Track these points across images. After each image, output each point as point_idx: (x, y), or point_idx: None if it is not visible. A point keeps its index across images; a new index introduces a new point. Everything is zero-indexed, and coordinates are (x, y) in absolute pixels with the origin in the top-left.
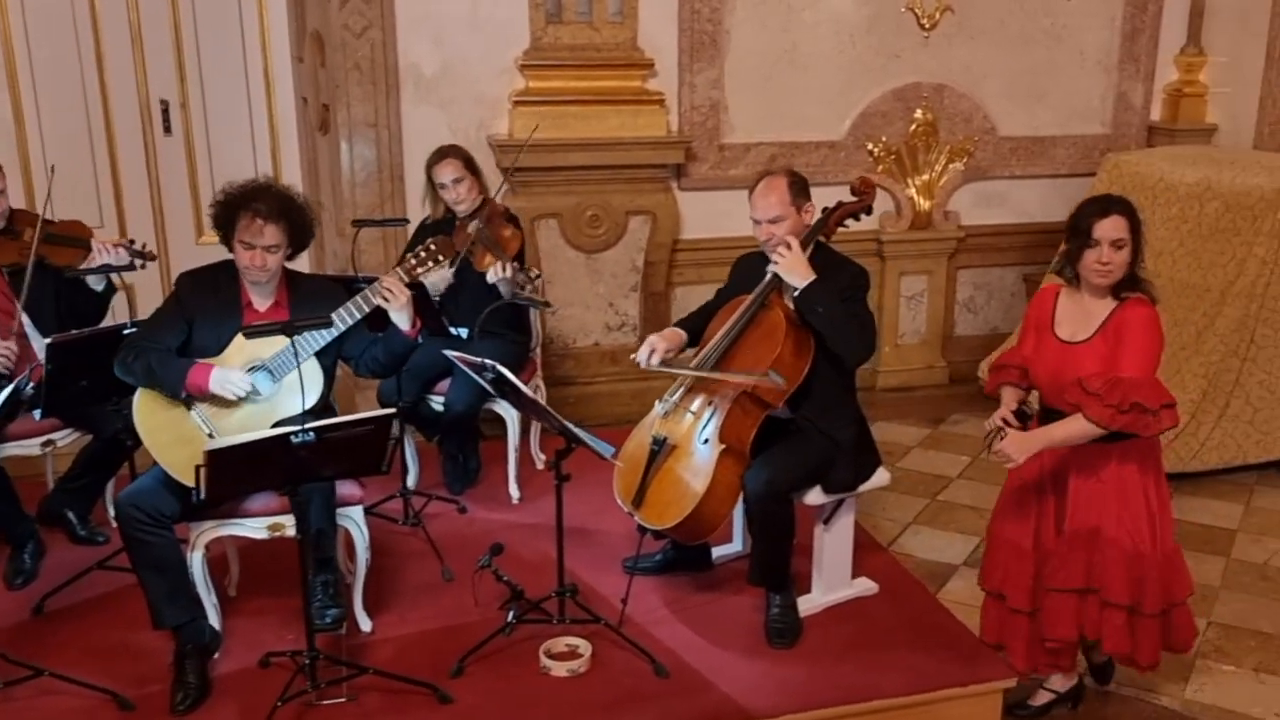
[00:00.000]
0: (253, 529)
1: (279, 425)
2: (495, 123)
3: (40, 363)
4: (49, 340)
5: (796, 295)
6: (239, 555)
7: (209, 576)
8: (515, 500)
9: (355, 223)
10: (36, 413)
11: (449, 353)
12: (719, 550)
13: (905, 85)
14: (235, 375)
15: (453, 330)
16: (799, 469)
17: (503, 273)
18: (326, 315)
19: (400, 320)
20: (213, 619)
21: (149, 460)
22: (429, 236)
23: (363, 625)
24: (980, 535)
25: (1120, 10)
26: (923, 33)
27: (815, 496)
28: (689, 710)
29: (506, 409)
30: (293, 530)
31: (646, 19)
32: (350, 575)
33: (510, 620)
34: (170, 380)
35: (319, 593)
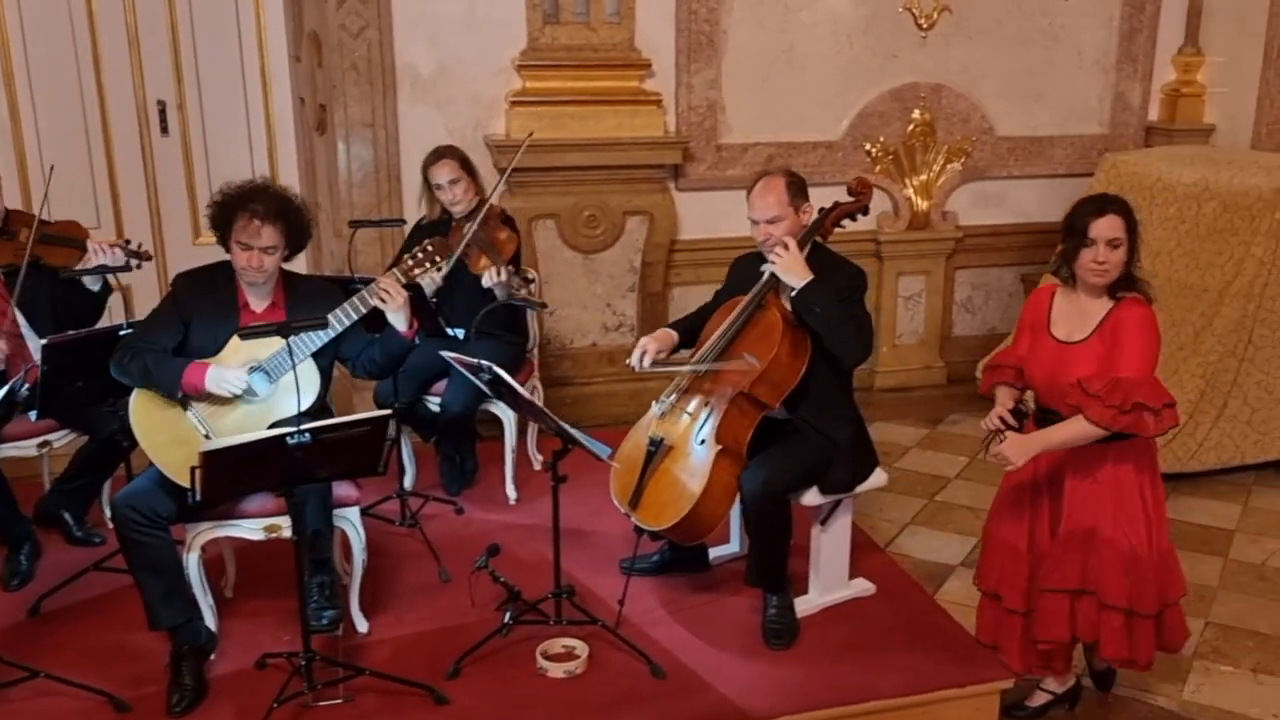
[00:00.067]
0: (249, 530)
1: (276, 426)
2: (492, 123)
3: (35, 363)
4: (44, 341)
5: (794, 295)
6: (235, 556)
7: (205, 577)
8: (512, 501)
9: (352, 223)
10: (32, 414)
11: (445, 354)
12: (716, 551)
13: (903, 85)
14: (231, 373)
15: (449, 331)
16: (796, 470)
17: (497, 276)
18: (322, 317)
19: (397, 321)
20: (209, 620)
21: (145, 461)
22: (425, 237)
23: (359, 626)
24: (978, 536)
25: (1118, 10)
26: (920, 33)
27: (812, 497)
28: (685, 711)
29: (503, 410)
30: (289, 531)
31: (644, 19)
32: (347, 576)
33: (507, 621)
34: (166, 380)
35: (315, 594)
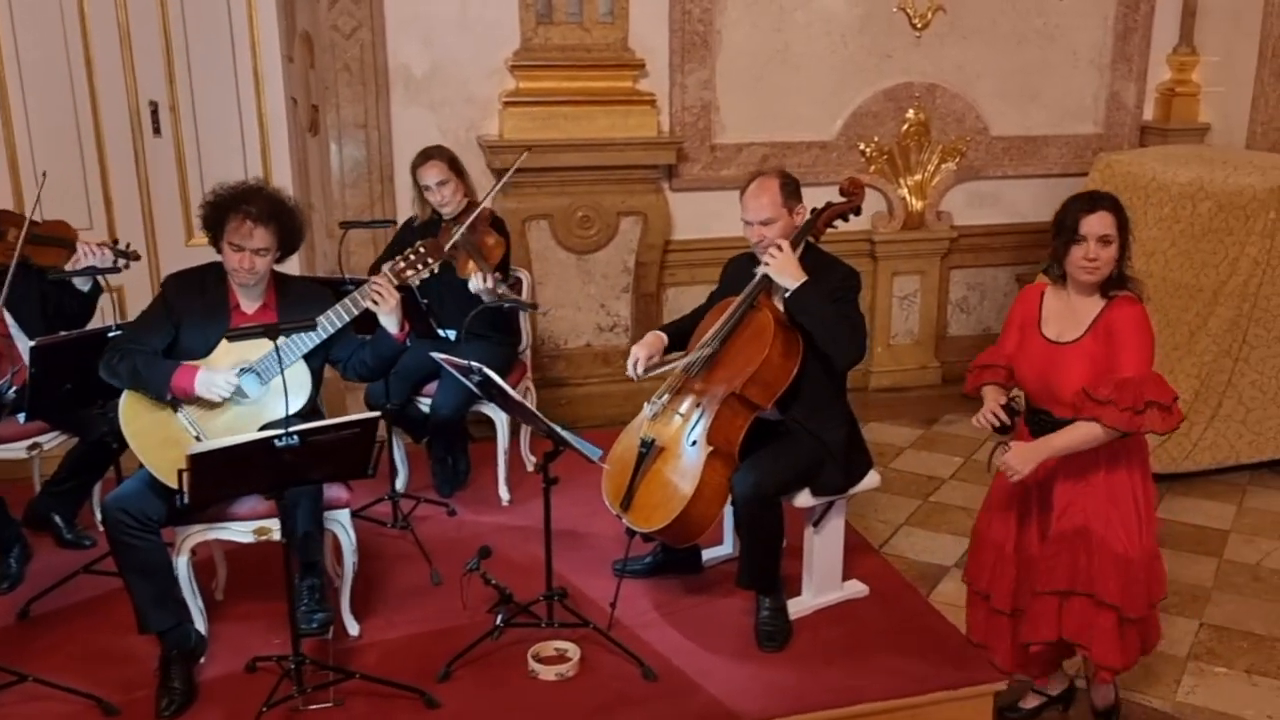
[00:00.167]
0: (239, 533)
1: (267, 428)
2: (485, 123)
3: (23, 365)
4: (32, 343)
5: (787, 297)
6: (226, 559)
7: (195, 580)
8: (505, 502)
9: (343, 224)
10: (21, 416)
11: (436, 355)
12: (709, 553)
13: (897, 85)
14: (220, 377)
15: (441, 332)
16: (788, 471)
17: (483, 282)
18: (311, 319)
19: (389, 324)
20: (199, 623)
21: (135, 463)
22: (415, 237)
23: (350, 629)
24: None
25: (1113, 9)
26: (914, 32)
27: (804, 499)
28: (677, 713)
29: (496, 411)
30: (279, 534)
31: (637, 19)
32: (338, 579)
33: (498, 624)
34: (155, 382)
35: (305, 597)
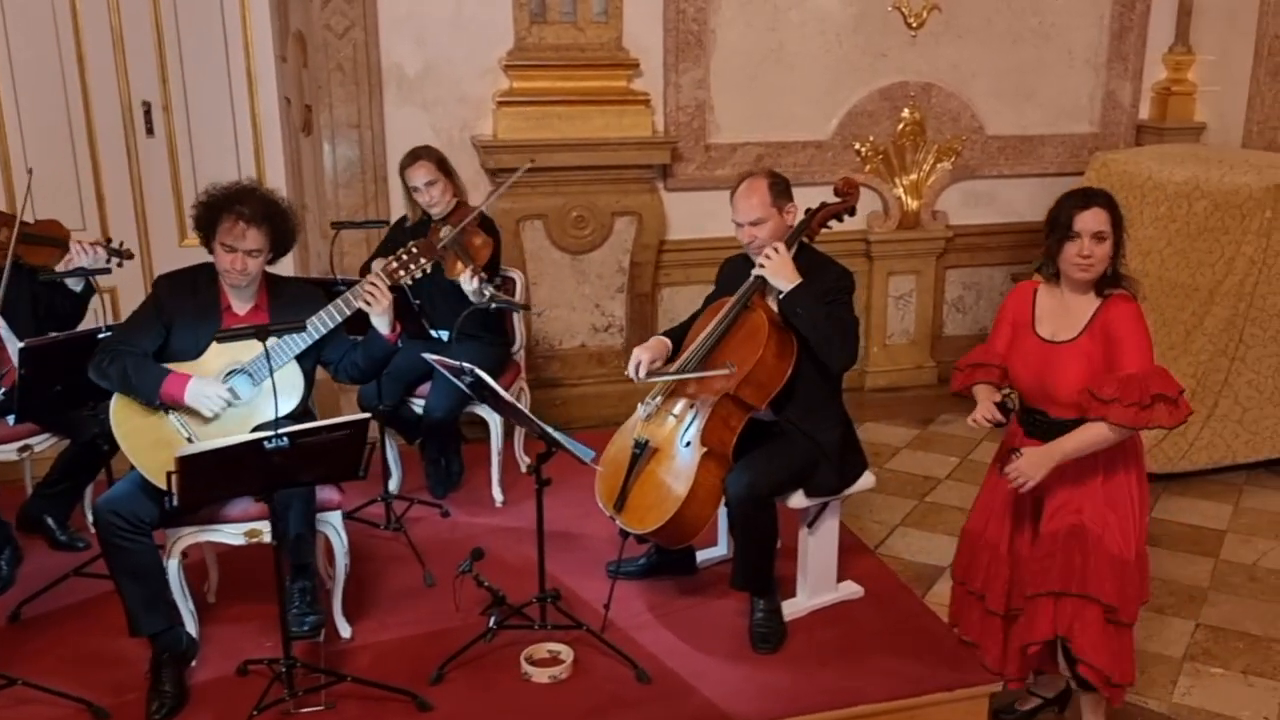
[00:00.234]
0: (230, 535)
1: (259, 429)
2: (479, 123)
3: (13, 367)
4: (22, 345)
5: (781, 299)
6: (218, 561)
7: (186, 583)
8: (498, 504)
9: (334, 225)
10: (10, 418)
11: (428, 356)
12: (703, 554)
13: (892, 84)
14: (211, 389)
15: (433, 333)
16: (782, 472)
17: (471, 283)
18: (301, 320)
19: (380, 324)
20: (190, 626)
21: (126, 465)
22: (405, 238)
23: (342, 631)
24: None
25: (1108, 9)
26: (910, 31)
27: (798, 500)
28: (671, 716)
29: (489, 412)
30: (270, 536)
31: (631, 19)
32: (330, 581)
33: (491, 626)
34: (145, 388)
35: (297, 599)
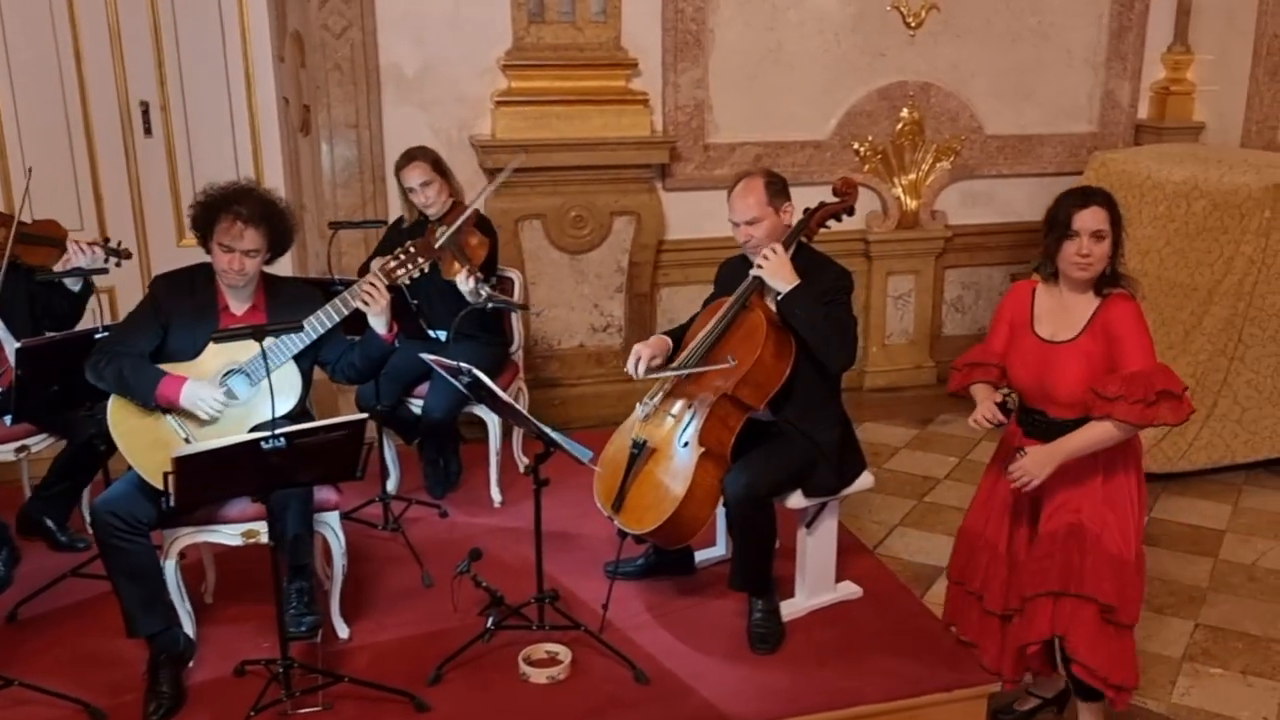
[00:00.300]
0: (227, 536)
1: (256, 429)
2: (477, 123)
3: (9, 366)
4: (18, 345)
5: (779, 300)
6: (216, 562)
7: (183, 584)
8: (497, 504)
9: (332, 225)
10: (7, 418)
11: (425, 356)
12: (702, 554)
13: (891, 84)
14: (207, 392)
15: (431, 333)
16: (780, 472)
17: (468, 283)
18: (297, 320)
19: (377, 325)
20: (187, 627)
21: (124, 465)
22: (402, 239)
23: (340, 632)
24: None
25: (1107, 8)
26: (908, 31)
27: (797, 500)
28: (669, 717)
29: (488, 412)
30: (267, 537)
31: (630, 18)
32: (327, 581)
33: (489, 627)
34: (141, 389)
35: (294, 600)
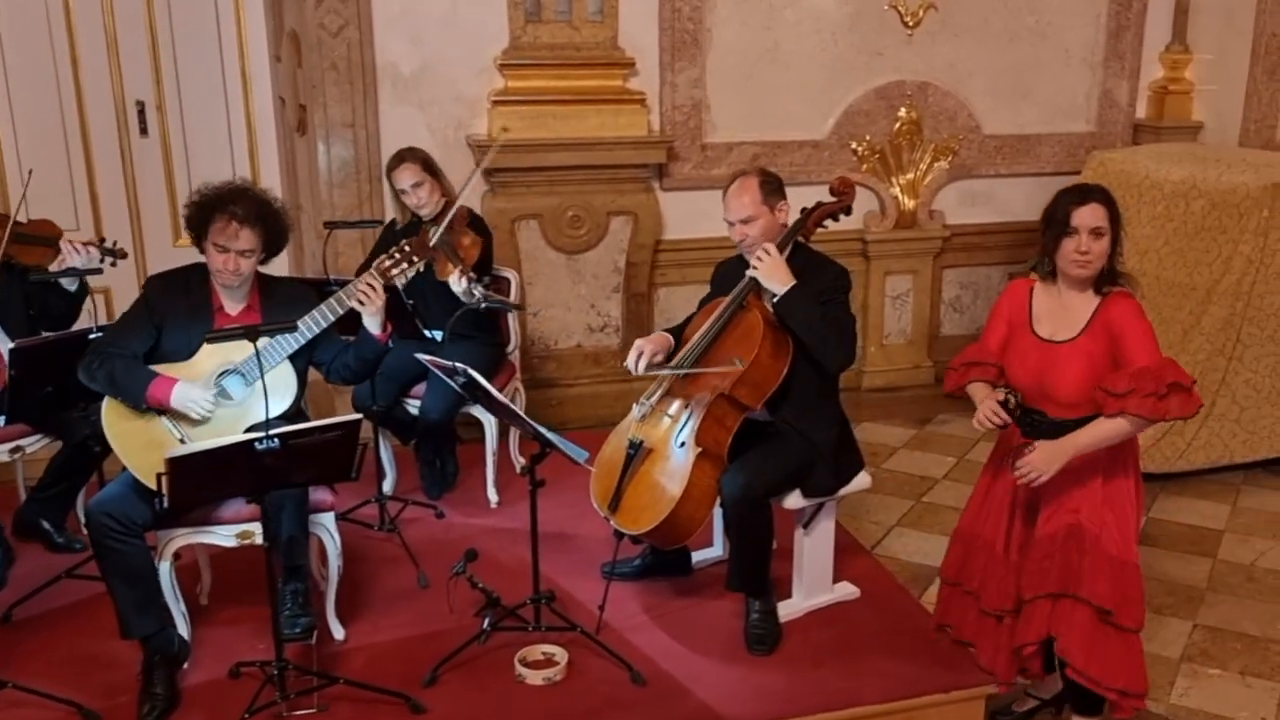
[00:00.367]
0: (222, 537)
1: (252, 430)
2: (474, 123)
3: (3, 367)
4: (11, 345)
5: (775, 302)
6: (211, 563)
7: (178, 585)
8: (494, 504)
9: (327, 224)
10: (1, 419)
11: (421, 356)
12: (699, 555)
13: (889, 83)
14: (198, 393)
15: (427, 333)
16: (777, 472)
17: (460, 283)
18: (291, 320)
19: (372, 325)
20: (182, 628)
21: (119, 466)
22: (396, 240)
23: (335, 634)
24: None
25: (1105, 7)
26: (906, 30)
27: (794, 500)
28: (666, 718)
29: (485, 413)
30: (262, 538)
31: (627, 18)
32: (323, 582)
33: (485, 628)
34: (132, 391)
35: (289, 601)
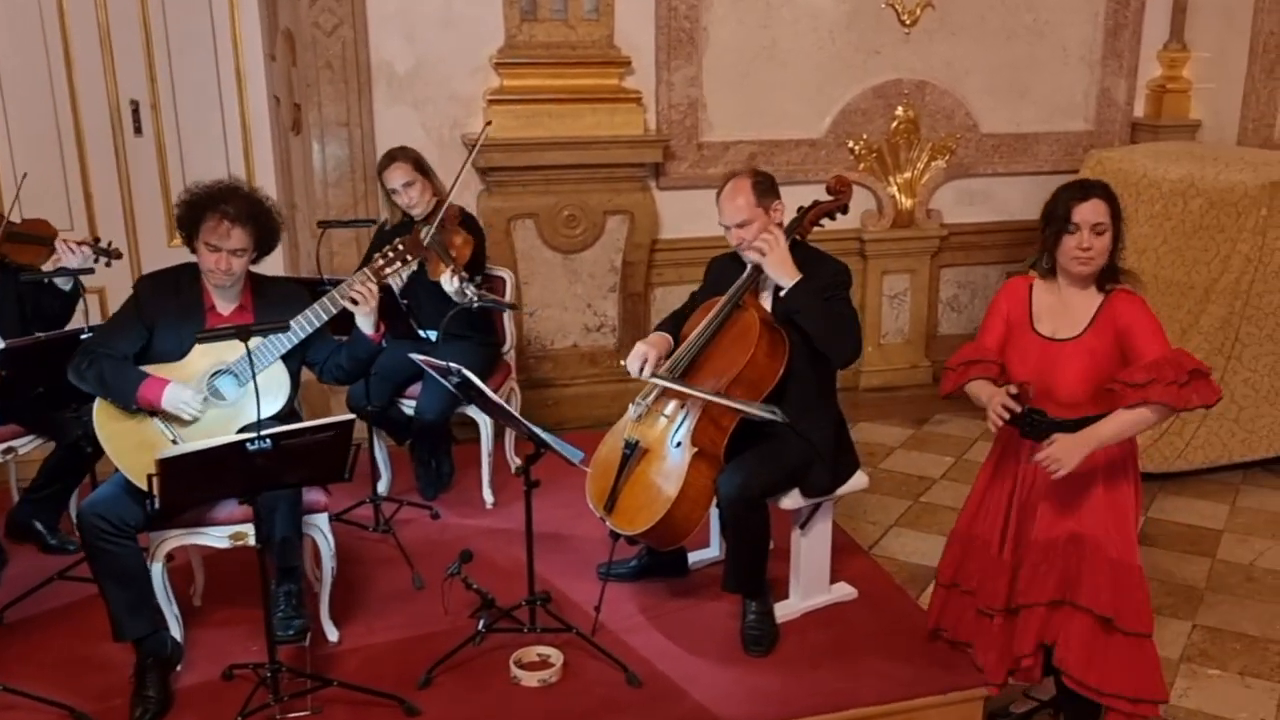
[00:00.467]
0: (214, 538)
1: (244, 430)
2: (470, 122)
3: None
4: (2, 345)
5: (783, 296)
6: (205, 564)
7: (170, 587)
8: (489, 505)
9: (321, 224)
10: None
11: (415, 356)
12: (695, 555)
13: (886, 82)
14: (188, 394)
15: (422, 333)
16: (775, 472)
17: (452, 283)
18: (283, 320)
19: (365, 325)
20: (174, 630)
21: (110, 467)
22: (387, 240)
23: (329, 635)
24: None
25: (1103, 5)
26: (903, 29)
27: (792, 500)
28: None
29: (480, 413)
30: (254, 539)
31: (623, 16)
32: (317, 584)
33: (480, 629)
34: (122, 392)
35: (282, 603)
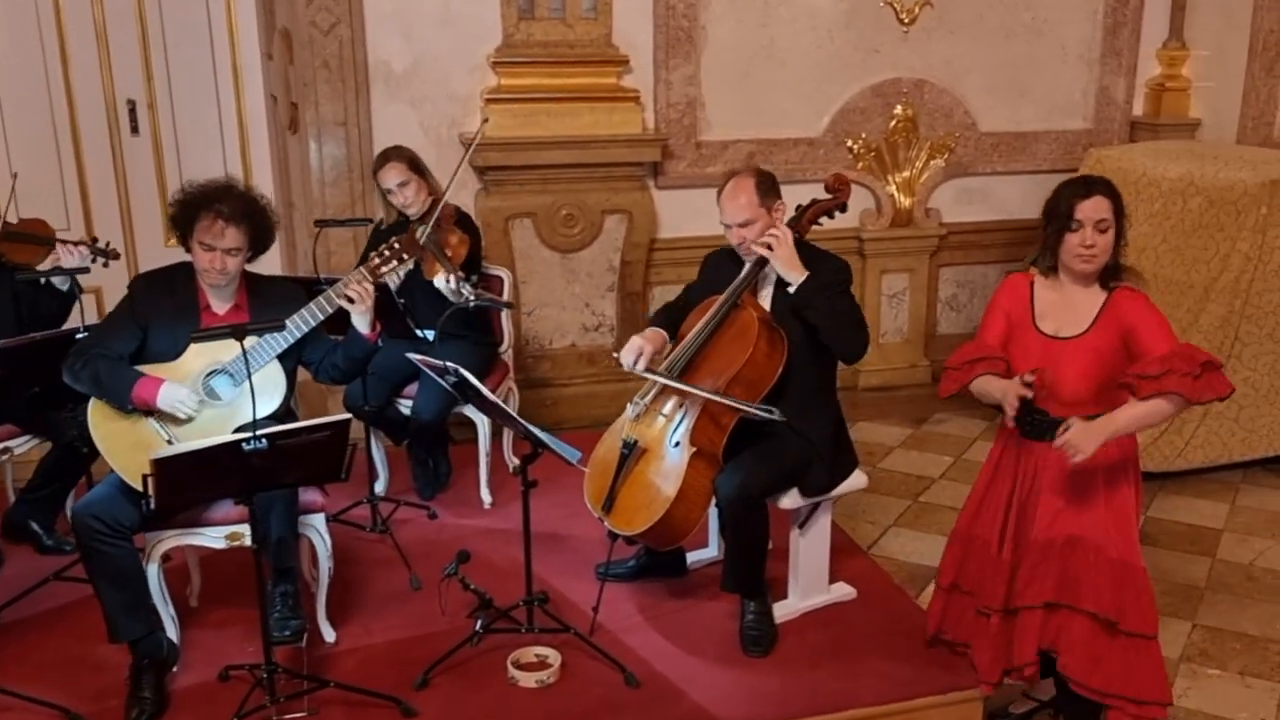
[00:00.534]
0: (210, 539)
1: (240, 430)
2: (468, 121)
3: None
4: None
5: (793, 292)
6: (201, 565)
7: (166, 587)
8: (487, 505)
9: (317, 223)
10: None
11: (412, 356)
12: (694, 555)
13: (884, 81)
14: (184, 393)
15: (419, 333)
16: (774, 472)
17: (449, 283)
18: (279, 319)
19: (360, 324)
20: (170, 631)
21: (106, 468)
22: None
23: (326, 636)
24: None
25: (1102, 4)
26: (902, 27)
27: (791, 500)
28: None
29: (478, 412)
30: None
31: (621, 15)
32: (314, 585)
33: (478, 630)
34: (117, 392)
35: (278, 604)
